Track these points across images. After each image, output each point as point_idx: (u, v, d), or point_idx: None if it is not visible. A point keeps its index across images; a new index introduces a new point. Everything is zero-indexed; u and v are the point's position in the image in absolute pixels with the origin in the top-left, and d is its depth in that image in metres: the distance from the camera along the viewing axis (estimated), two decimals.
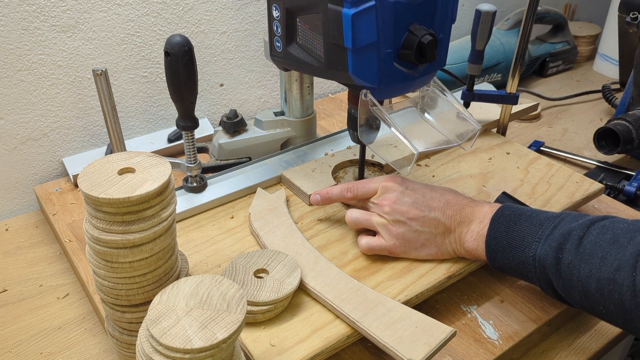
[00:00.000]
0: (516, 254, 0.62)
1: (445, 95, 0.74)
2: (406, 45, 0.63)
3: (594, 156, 1.07)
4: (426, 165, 0.88)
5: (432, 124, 0.76)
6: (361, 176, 0.81)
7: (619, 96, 1.23)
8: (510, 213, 0.64)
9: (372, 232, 0.71)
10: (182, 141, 0.99)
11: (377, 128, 0.73)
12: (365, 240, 0.70)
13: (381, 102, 0.70)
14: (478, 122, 0.72)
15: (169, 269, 0.58)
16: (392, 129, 0.67)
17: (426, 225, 0.67)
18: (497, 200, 0.75)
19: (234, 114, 0.92)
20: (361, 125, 0.71)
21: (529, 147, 1.08)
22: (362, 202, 0.72)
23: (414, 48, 0.62)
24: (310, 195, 0.77)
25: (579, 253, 0.56)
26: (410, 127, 0.78)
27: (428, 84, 0.73)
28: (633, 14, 1.05)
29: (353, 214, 0.71)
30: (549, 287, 0.60)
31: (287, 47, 0.70)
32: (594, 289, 0.55)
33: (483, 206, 0.67)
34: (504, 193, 0.76)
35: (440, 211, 0.67)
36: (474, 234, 0.66)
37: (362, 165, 0.80)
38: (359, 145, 0.79)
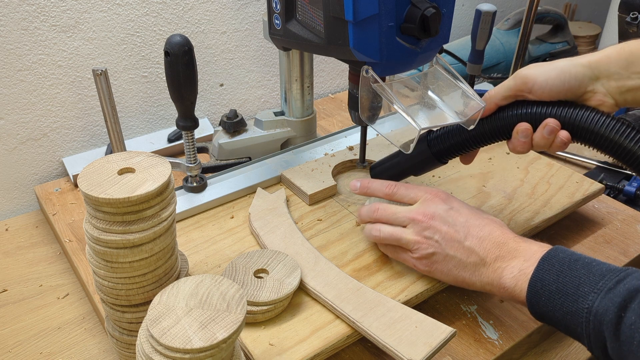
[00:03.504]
0: (566, 303, 0.54)
1: (449, 73, 0.72)
2: (408, 19, 0.62)
3: (594, 156, 1.07)
4: None
5: (435, 102, 0.74)
6: (362, 159, 0.81)
7: None
8: (565, 256, 0.57)
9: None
10: (182, 141, 0.99)
11: (379, 107, 0.72)
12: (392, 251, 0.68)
13: (383, 79, 0.68)
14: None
15: (169, 269, 0.58)
16: (395, 105, 0.65)
17: (459, 252, 0.62)
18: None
19: (234, 114, 0.92)
20: (362, 104, 0.70)
21: None
22: (392, 216, 0.67)
23: (417, 21, 0.61)
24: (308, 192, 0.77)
25: None
26: (413, 105, 0.77)
27: (431, 61, 0.72)
28: (633, 14, 1.05)
29: (384, 230, 0.67)
30: (600, 346, 0.51)
31: (286, 24, 0.69)
32: None
33: (531, 245, 0.60)
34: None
35: (478, 241, 0.62)
36: (515, 271, 0.59)
37: (364, 148, 0.80)
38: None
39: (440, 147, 0.69)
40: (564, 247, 0.59)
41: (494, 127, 0.66)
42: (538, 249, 0.59)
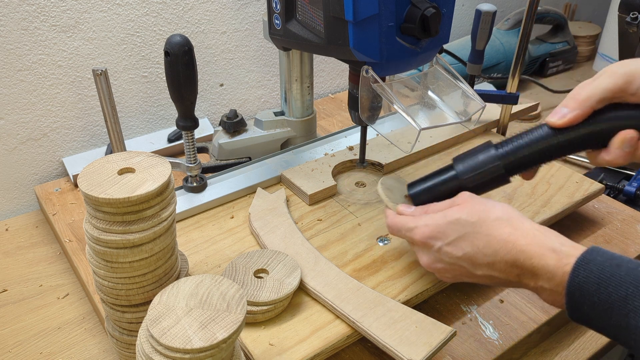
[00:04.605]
0: (613, 317, 0.48)
1: (449, 73, 0.72)
2: (408, 19, 0.62)
3: None
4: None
5: (435, 102, 0.74)
6: (362, 159, 0.81)
7: None
8: (605, 260, 0.49)
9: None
10: (182, 141, 0.99)
11: (379, 107, 0.72)
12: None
13: (383, 79, 0.68)
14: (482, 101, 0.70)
15: (169, 269, 0.58)
16: (395, 105, 0.65)
17: (476, 279, 0.59)
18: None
19: (234, 114, 0.92)
20: (362, 104, 0.70)
21: None
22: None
23: (417, 21, 0.61)
24: (309, 195, 0.77)
25: None
26: (413, 105, 0.77)
27: (431, 61, 0.72)
28: (633, 14, 1.05)
29: (422, 261, 0.62)
30: None
31: (286, 24, 0.70)
32: None
33: (544, 257, 0.52)
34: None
35: (489, 267, 0.56)
36: (546, 292, 0.53)
37: (364, 148, 0.80)
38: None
39: (513, 159, 0.60)
40: (601, 249, 0.51)
41: (590, 134, 0.56)
42: (555, 264, 0.51)
